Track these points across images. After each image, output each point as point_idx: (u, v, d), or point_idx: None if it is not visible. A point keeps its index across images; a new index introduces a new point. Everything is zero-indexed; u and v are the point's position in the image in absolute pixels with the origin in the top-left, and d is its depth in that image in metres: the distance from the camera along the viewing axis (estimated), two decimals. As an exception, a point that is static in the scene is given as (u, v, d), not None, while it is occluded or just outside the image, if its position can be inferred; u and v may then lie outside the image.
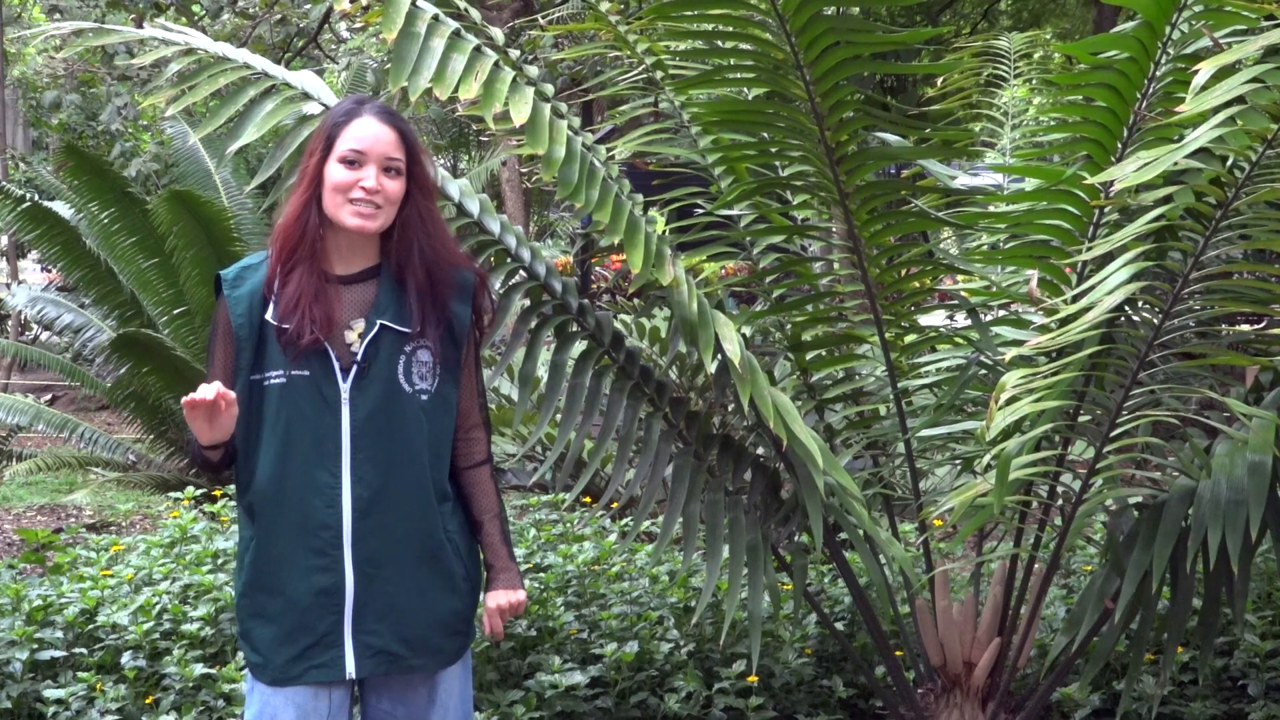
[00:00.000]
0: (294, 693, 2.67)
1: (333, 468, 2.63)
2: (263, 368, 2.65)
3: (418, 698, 2.76)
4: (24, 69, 18.52)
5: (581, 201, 3.06)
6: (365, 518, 2.64)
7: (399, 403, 2.66)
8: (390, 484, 2.66)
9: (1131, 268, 2.89)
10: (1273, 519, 3.30)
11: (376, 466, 2.65)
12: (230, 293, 2.70)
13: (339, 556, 2.64)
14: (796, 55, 3.30)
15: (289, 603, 2.65)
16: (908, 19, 13.00)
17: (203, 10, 12.35)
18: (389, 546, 2.66)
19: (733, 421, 3.87)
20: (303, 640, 2.65)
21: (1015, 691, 3.88)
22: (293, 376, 2.63)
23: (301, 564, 2.64)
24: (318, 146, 2.68)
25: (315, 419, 2.63)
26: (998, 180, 4.67)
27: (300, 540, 2.64)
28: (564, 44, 9.35)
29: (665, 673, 4.34)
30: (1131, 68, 3.18)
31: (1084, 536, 4.77)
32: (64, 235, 8.25)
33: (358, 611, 2.65)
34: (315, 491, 2.63)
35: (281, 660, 2.66)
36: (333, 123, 2.68)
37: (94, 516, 8.38)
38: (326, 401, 2.63)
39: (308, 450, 2.63)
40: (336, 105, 2.77)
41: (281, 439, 2.63)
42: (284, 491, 2.64)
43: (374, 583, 2.66)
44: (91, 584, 4.53)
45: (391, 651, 2.68)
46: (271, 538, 2.66)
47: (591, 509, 5.75)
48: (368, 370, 2.65)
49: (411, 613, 2.69)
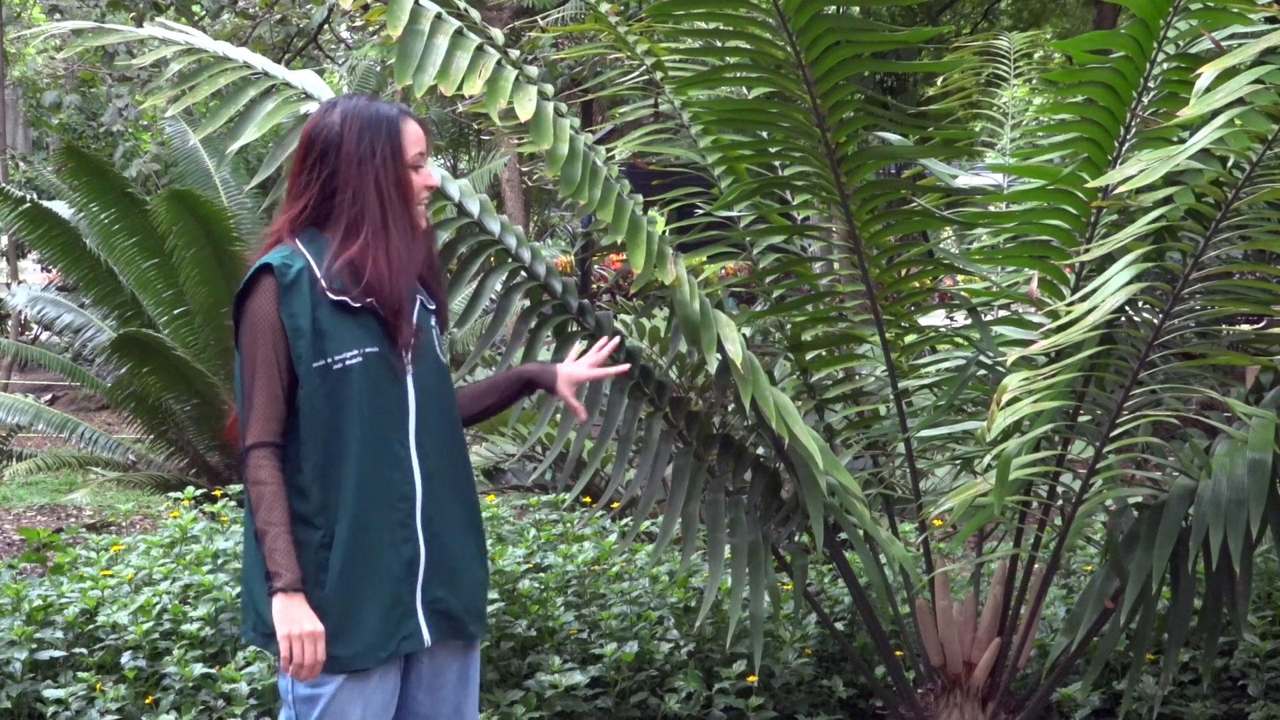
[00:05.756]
0: (370, 680, 2.69)
1: (403, 439, 2.72)
2: (331, 351, 2.66)
3: (447, 683, 2.82)
4: (24, 69, 18.51)
5: (584, 200, 3.06)
6: (428, 484, 2.74)
7: (442, 373, 2.82)
8: (444, 452, 2.78)
9: (1132, 269, 2.89)
10: (1273, 519, 3.30)
11: (432, 435, 2.76)
12: (283, 280, 2.67)
13: (414, 527, 2.72)
14: (797, 55, 3.30)
15: (385, 577, 2.69)
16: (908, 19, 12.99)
17: (203, 10, 12.35)
18: (443, 513, 2.76)
19: (733, 421, 3.87)
20: (396, 613, 2.71)
21: (1015, 691, 3.88)
22: (368, 354, 2.69)
23: (390, 537, 2.70)
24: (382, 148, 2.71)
25: (389, 393, 2.71)
26: (998, 180, 4.66)
27: (387, 514, 2.70)
28: (564, 44, 9.34)
29: (665, 673, 4.34)
30: (1128, 66, 3.18)
31: (1084, 536, 4.77)
32: (64, 235, 8.24)
33: (427, 579, 2.74)
34: (394, 464, 2.71)
35: (385, 639, 2.69)
36: (391, 130, 2.73)
37: (94, 516, 8.39)
38: (396, 375, 2.73)
39: (384, 425, 2.70)
40: (376, 111, 2.75)
41: (366, 417, 2.68)
42: (371, 469, 2.69)
43: (435, 549, 2.75)
44: (91, 584, 4.53)
45: (454, 615, 2.77)
46: (364, 519, 2.68)
47: (591, 509, 5.75)
48: (420, 343, 2.77)
49: (465, 576, 2.80)
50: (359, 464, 2.67)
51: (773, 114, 3.64)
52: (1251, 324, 5.11)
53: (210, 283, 7.85)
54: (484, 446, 8.01)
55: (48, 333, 11.79)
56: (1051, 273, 3.54)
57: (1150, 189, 3.09)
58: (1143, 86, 3.24)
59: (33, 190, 10.58)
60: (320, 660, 2.63)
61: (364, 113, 2.73)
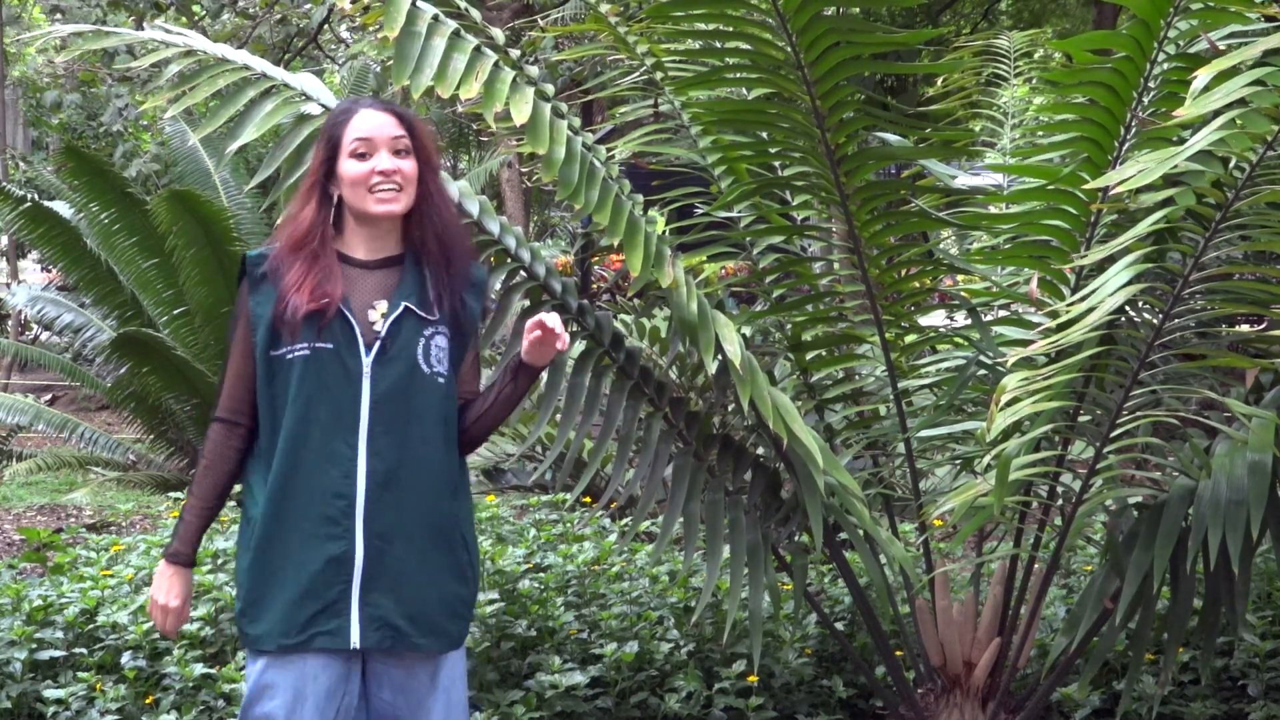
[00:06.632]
0: (292, 665, 2.73)
1: (350, 439, 2.72)
2: (285, 342, 2.73)
3: (419, 686, 2.80)
4: (24, 69, 18.52)
5: (581, 202, 3.06)
6: (381, 491, 2.73)
7: (418, 382, 2.76)
8: (406, 461, 2.74)
9: (1132, 269, 2.89)
10: (1273, 519, 3.30)
11: (393, 442, 2.74)
12: (253, 272, 2.79)
13: (350, 526, 2.72)
14: (797, 55, 3.30)
15: (299, 568, 2.72)
16: (908, 19, 12.99)
17: (203, 10, 12.35)
18: (402, 523, 2.74)
19: (733, 421, 3.87)
20: (311, 606, 2.72)
21: (1015, 691, 3.88)
22: (317, 349, 2.72)
23: (313, 531, 2.72)
24: (321, 148, 2.80)
25: (337, 391, 2.72)
26: (998, 180, 4.66)
27: (314, 508, 2.72)
28: (564, 45, 9.34)
29: (665, 673, 4.34)
30: (1128, 67, 3.18)
31: (1084, 536, 4.77)
32: (64, 235, 8.25)
33: (366, 583, 2.73)
34: (333, 461, 2.72)
35: (289, 626, 2.72)
36: (333, 123, 2.80)
37: (94, 516, 8.38)
38: (349, 373, 2.73)
39: (327, 421, 2.72)
40: (333, 109, 2.87)
41: (303, 410, 2.72)
42: (301, 460, 2.72)
43: (384, 556, 2.73)
44: (91, 584, 4.53)
45: (396, 625, 2.74)
46: (286, 506, 2.73)
47: (591, 509, 5.75)
48: (389, 348, 2.75)
49: (418, 589, 2.76)
50: (289, 454, 2.72)
51: (772, 114, 3.64)
52: (1251, 324, 5.11)
53: (210, 283, 7.86)
54: (484, 446, 8.01)
55: (48, 333, 11.80)
56: (1052, 273, 3.54)
57: (1150, 189, 3.09)
58: (1143, 87, 3.24)
59: (33, 190, 10.57)
60: (172, 629, 2.84)
61: (334, 108, 2.84)
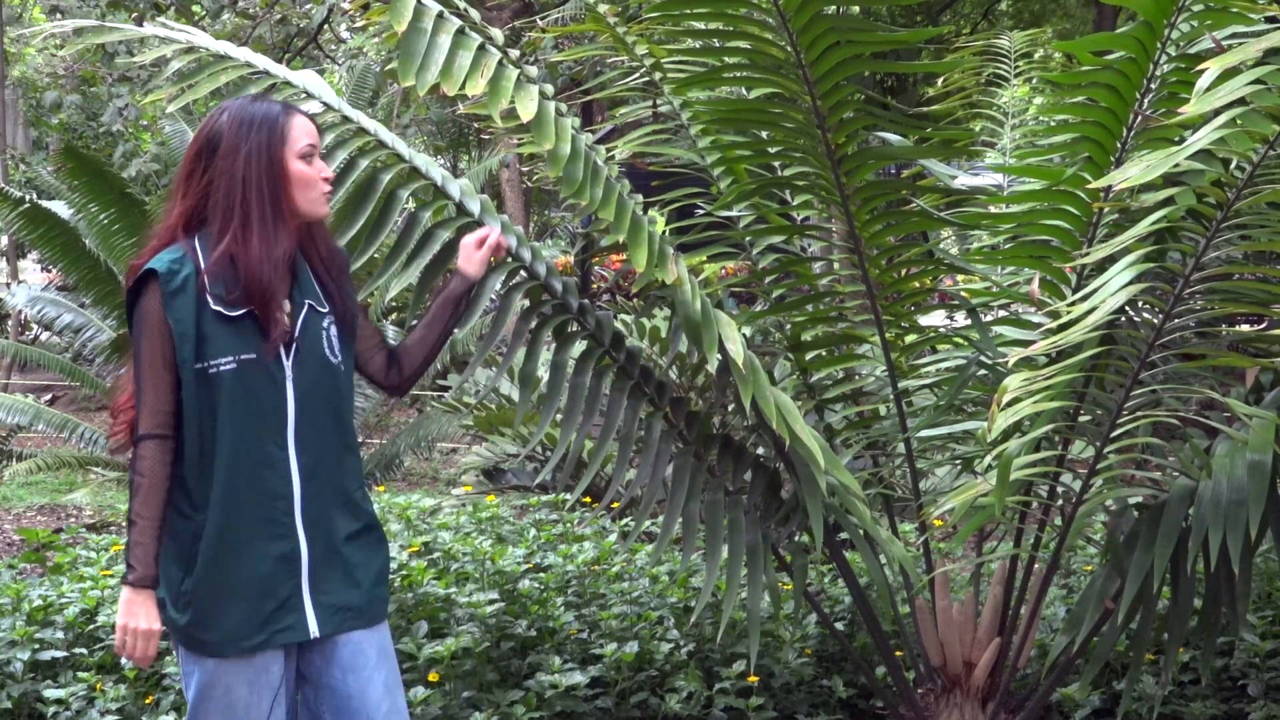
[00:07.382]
0: (244, 663, 2.77)
1: (280, 441, 2.78)
2: (209, 356, 2.74)
3: (367, 661, 2.86)
4: (24, 69, 18.53)
5: (586, 200, 3.06)
6: (309, 483, 2.81)
7: (329, 374, 2.86)
8: (324, 449, 2.84)
9: (1133, 269, 2.89)
10: (1273, 519, 3.30)
11: (315, 435, 2.82)
12: (167, 287, 2.75)
13: (292, 524, 2.79)
14: (797, 55, 3.29)
15: (251, 571, 2.76)
16: (908, 19, 13.00)
17: (203, 10, 12.35)
18: (325, 508, 2.83)
19: (733, 421, 3.87)
20: (267, 606, 2.77)
21: (1015, 691, 3.88)
22: (243, 361, 2.75)
23: (260, 534, 2.77)
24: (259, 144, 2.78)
25: (264, 398, 2.77)
26: (998, 180, 4.66)
27: (257, 512, 2.77)
28: (564, 45, 9.34)
29: (665, 673, 4.34)
30: (1131, 67, 3.18)
31: (1084, 536, 4.77)
32: (64, 235, 8.24)
33: (312, 573, 2.80)
34: (267, 465, 2.77)
35: (248, 630, 2.76)
36: (274, 122, 2.81)
37: (94, 516, 8.38)
38: (274, 380, 2.78)
39: (257, 429, 2.77)
40: (258, 109, 2.84)
41: (238, 421, 2.75)
42: (241, 469, 2.76)
43: (320, 544, 2.81)
44: (91, 584, 4.53)
45: (349, 607, 2.83)
46: (231, 515, 2.76)
47: (592, 509, 5.75)
48: (303, 347, 2.82)
49: (357, 568, 2.86)
50: (230, 463, 2.75)
51: (772, 114, 3.64)
52: (1251, 324, 5.11)
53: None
54: (484, 446, 8.02)
55: (48, 333, 11.79)
56: (1052, 273, 3.53)
57: (1151, 189, 3.09)
58: (1145, 87, 3.24)
59: (32, 190, 10.58)
60: (149, 655, 2.79)
61: (245, 110, 2.83)
